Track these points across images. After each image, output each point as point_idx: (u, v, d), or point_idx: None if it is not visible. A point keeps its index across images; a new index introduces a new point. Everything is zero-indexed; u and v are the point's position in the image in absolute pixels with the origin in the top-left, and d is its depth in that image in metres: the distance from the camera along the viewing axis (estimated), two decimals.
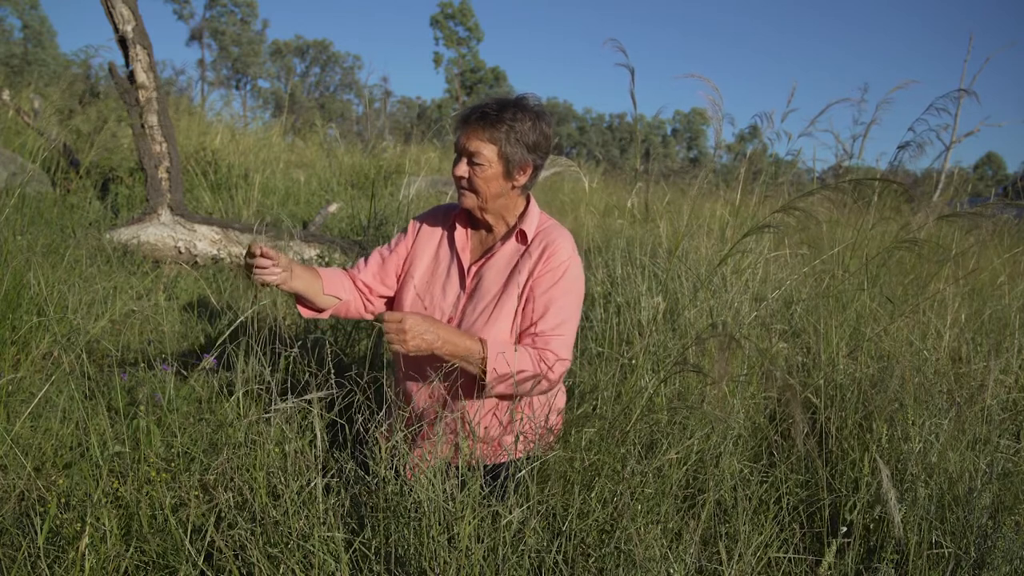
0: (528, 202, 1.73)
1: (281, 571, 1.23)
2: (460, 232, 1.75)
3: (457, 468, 1.33)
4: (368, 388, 1.45)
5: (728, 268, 2.56)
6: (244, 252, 1.59)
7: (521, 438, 1.50)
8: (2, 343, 2.17)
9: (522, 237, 1.67)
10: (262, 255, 1.51)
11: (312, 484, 1.28)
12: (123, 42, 3.92)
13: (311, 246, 3.89)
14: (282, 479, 1.31)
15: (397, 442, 1.35)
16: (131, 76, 3.93)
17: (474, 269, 1.70)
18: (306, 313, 1.73)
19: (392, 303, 1.81)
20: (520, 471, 1.32)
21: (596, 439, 1.56)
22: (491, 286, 1.65)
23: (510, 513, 1.24)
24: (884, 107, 2.85)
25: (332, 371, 1.47)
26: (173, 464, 1.53)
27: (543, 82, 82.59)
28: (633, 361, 1.96)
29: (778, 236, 2.92)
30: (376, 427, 1.38)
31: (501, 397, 1.61)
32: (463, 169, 1.62)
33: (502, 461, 1.60)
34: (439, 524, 1.23)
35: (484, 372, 1.51)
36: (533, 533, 1.27)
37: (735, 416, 1.76)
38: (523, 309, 1.62)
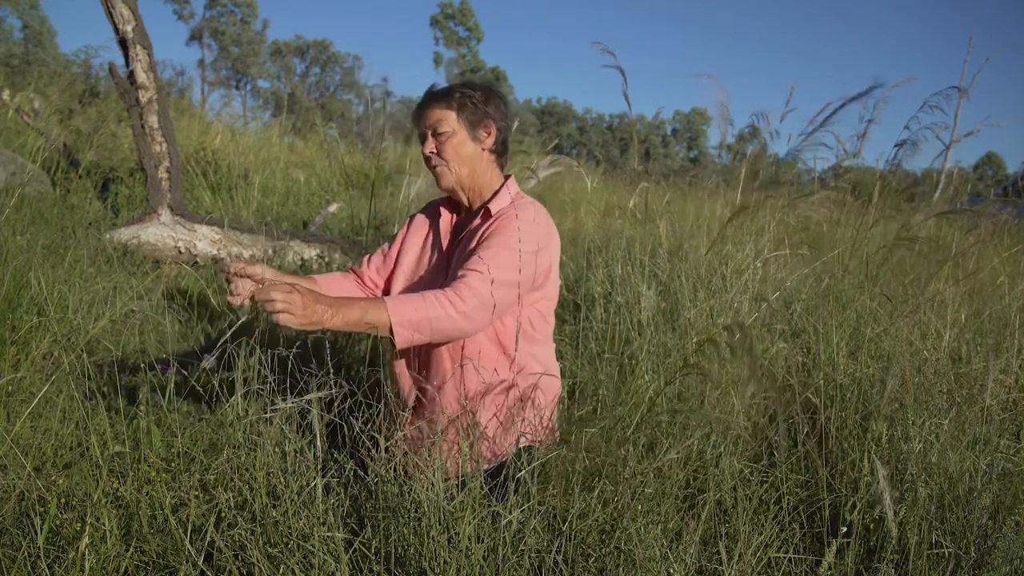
0: (505, 181, 1.71)
1: (281, 571, 1.23)
2: (445, 217, 1.77)
3: (458, 466, 1.32)
4: (368, 388, 1.45)
5: (728, 268, 2.56)
6: (218, 268, 1.50)
7: (521, 439, 1.49)
8: (2, 343, 2.16)
9: (487, 215, 1.66)
10: (236, 274, 1.47)
11: (312, 484, 1.28)
12: (123, 42, 3.91)
13: (311, 246, 3.89)
14: (282, 479, 1.31)
15: (396, 442, 1.35)
16: (131, 76, 3.93)
17: (452, 252, 1.71)
18: None
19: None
20: (520, 470, 1.32)
21: (596, 439, 1.56)
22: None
23: (510, 513, 1.24)
24: (883, 106, 2.84)
25: (331, 371, 1.47)
26: (173, 464, 1.53)
27: (543, 82, 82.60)
28: (633, 361, 1.96)
29: (778, 236, 2.92)
30: (375, 426, 1.38)
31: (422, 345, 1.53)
32: (430, 145, 1.66)
33: (502, 461, 1.59)
34: (439, 524, 1.23)
35: (392, 331, 1.43)
36: (533, 533, 1.27)
37: (736, 419, 1.76)
38: None
